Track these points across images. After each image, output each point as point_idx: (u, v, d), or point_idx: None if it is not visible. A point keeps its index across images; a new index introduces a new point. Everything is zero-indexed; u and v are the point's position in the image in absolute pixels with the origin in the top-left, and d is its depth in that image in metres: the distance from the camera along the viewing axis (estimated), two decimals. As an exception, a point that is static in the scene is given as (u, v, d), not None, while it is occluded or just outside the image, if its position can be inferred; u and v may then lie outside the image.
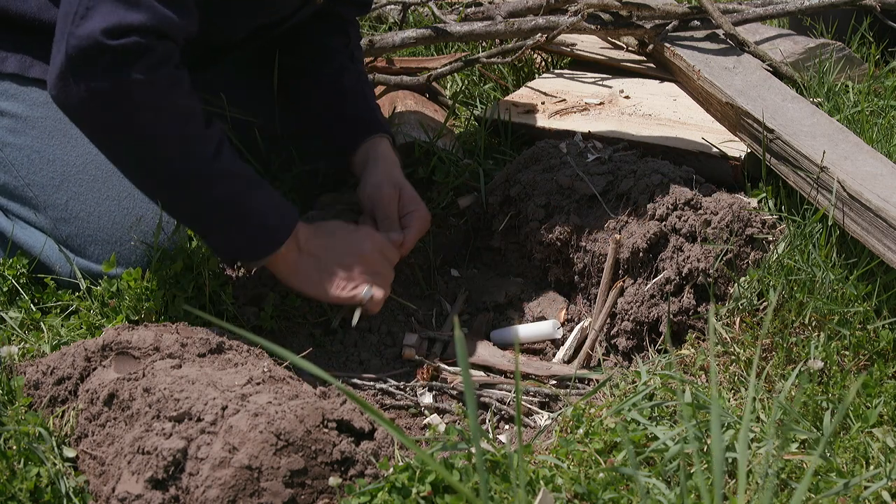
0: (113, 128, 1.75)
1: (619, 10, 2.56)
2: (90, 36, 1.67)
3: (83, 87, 1.69)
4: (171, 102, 1.75)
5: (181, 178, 1.79)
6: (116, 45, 1.67)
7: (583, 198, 2.16)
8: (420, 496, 1.38)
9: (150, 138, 1.74)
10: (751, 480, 1.47)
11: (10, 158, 1.98)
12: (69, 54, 1.68)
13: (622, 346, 2.04)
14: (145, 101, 1.71)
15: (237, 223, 1.83)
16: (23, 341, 1.84)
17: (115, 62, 1.68)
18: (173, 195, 1.83)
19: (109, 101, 1.71)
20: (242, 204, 1.82)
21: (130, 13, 1.68)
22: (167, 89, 1.74)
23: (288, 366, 1.89)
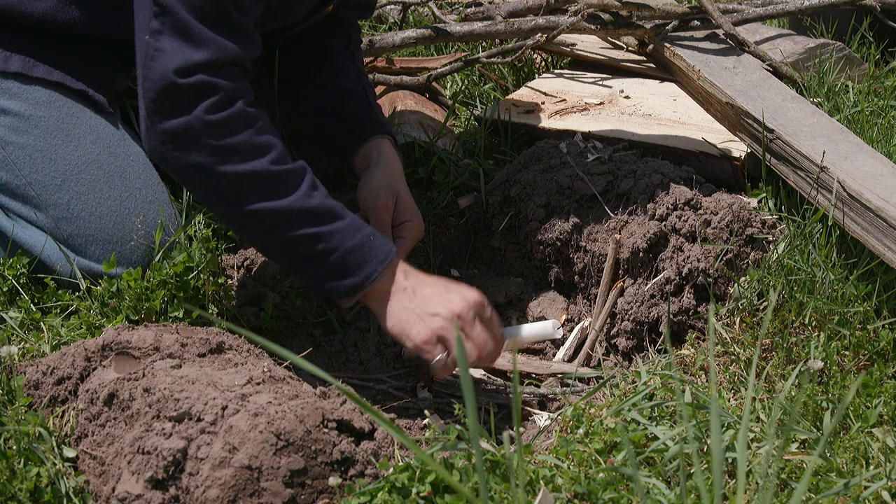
0: (191, 168, 1.75)
1: (619, 10, 2.56)
2: (163, 77, 1.70)
3: (160, 129, 1.72)
4: (244, 141, 1.75)
5: (262, 216, 1.76)
6: (186, 83, 1.70)
7: (583, 198, 2.16)
8: (420, 496, 1.38)
9: (227, 177, 1.74)
10: (750, 480, 1.47)
11: (12, 157, 1.98)
12: (147, 98, 1.72)
13: (622, 346, 2.04)
14: (218, 141, 1.73)
15: (318, 263, 1.79)
16: (23, 341, 1.84)
17: (187, 101, 1.71)
18: (259, 234, 1.81)
19: (183, 141, 1.73)
20: (327, 242, 1.77)
21: (195, 51, 1.71)
22: (240, 128, 1.75)
23: (288, 366, 1.89)
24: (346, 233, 1.78)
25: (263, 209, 1.75)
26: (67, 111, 2.02)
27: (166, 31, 1.72)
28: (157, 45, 1.72)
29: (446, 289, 1.81)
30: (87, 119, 2.03)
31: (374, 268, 1.78)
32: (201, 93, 1.72)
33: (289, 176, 1.77)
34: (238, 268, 2.05)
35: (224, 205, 1.79)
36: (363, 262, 1.78)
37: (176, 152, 1.73)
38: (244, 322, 1.97)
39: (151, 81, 1.71)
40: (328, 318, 2.07)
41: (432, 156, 2.37)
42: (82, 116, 2.03)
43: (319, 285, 1.82)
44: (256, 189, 1.75)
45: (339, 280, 1.79)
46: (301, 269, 1.82)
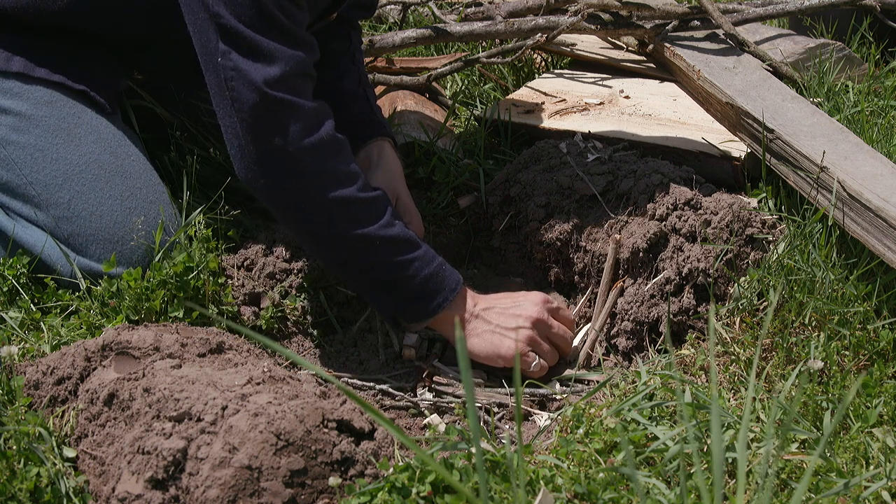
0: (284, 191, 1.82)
1: (619, 10, 2.56)
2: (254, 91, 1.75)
3: (257, 148, 1.78)
4: (337, 168, 1.82)
5: (348, 242, 1.85)
6: (277, 98, 1.75)
7: (583, 198, 2.16)
8: (420, 496, 1.38)
9: (320, 202, 1.81)
10: (750, 480, 1.47)
11: (14, 157, 1.98)
12: (241, 118, 1.77)
13: (622, 346, 2.04)
14: (314, 166, 1.80)
15: (395, 289, 1.88)
16: (23, 341, 1.84)
17: (281, 120, 1.77)
18: (341, 259, 1.89)
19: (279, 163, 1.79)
20: (400, 271, 1.86)
21: (270, 66, 1.76)
22: (332, 153, 1.82)
23: (288, 366, 1.89)
24: (423, 262, 1.87)
25: (350, 235, 1.83)
26: (68, 111, 2.02)
27: (236, 50, 1.76)
28: (232, 65, 1.76)
29: (513, 301, 1.94)
30: (88, 119, 2.03)
31: (446, 296, 1.88)
32: (291, 113, 1.77)
33: (374, 204, 1.86)
34: (238, 268, 2.05)
35: (313, 228, 1.86)
36: (437, 290, 1.88)
37: (271, 174, 1.79)
38: (244, 322, 1.97)
39: (242, 101, 1.76)
40: (328, 318, 2.07)
41: (432, 156, 2.37)
42: (83, 116, 2.03)
43: (393, 309, 1.93)
44: (346, 215, 1.83)
45: (414, 306, 1.90)
46: (377, 294, 1.91)
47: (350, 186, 1.82)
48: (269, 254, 2.08)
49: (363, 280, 1.91)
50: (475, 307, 1.92)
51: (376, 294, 1.92)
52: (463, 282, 1.92)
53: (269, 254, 2.08)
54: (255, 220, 2.20)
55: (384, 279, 1.88)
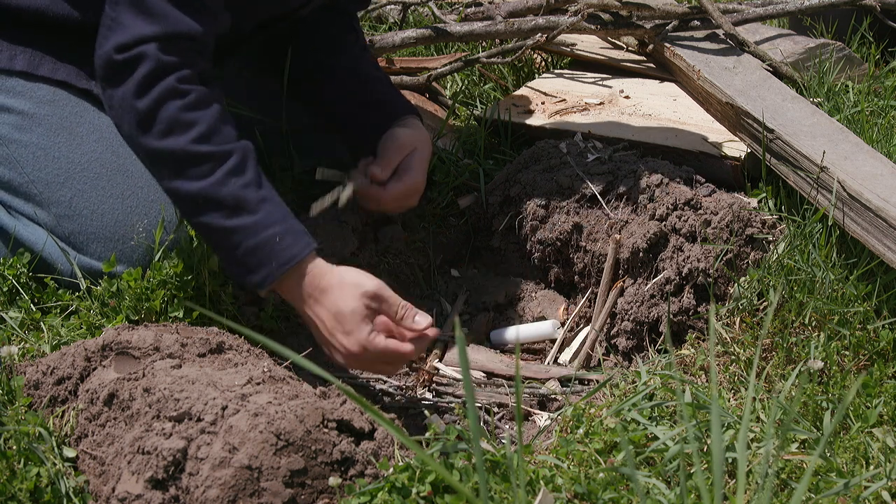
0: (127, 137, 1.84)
1: (619, 10, 2.56)
2: (106, 53, 1.79)
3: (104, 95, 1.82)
4: (166, 117, 1.77)
5: (175, 195, 1.81)
6: (122, 59, 1.77)
7: (583, 198, 2.16)
8: (420, 496, 1.38)
9: (145, 150, 1.81)
10: (750, 480, 1.47)
11: (16, 155, 1.98)
12: (97, 65, 1.82)
13: (622, 346, 2.04)
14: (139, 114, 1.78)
15: (221, 251, 1.81)
16: (23, 341, 1.84)
17: (121, 73, 1.78)
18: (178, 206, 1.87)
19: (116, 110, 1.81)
20: (222, 236, 1.77)
21: (147, 25, 1.77)
22: (163, 102, 1.77)
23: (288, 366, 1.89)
24: (248, 231, 1.75)
25: (176, 188, 1.78)
26: (71, 109, 2.03)
27: (123, 3, 1.79)
28: (115, 15, 1.79)
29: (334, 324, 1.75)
30: (91, 117, 2.04)
31: (272, 272, 1.75)
32: (136, 65, 1.77)
33: (206, 158, 1.76)
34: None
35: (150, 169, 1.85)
36: (260, 264, 1.76)
37: (113, 113, 1.83)
38: (244, 322, 1.96)
39: (101, 50, 1.80)
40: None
41: (432, 156, 2.37)
42: (85, 115, 2.03)
43: (227, 269, 1.86)
44: (171, 167, 1.77)
45: (243, 274, 1.78)
46: (215, 252, 1.87)
47: (181, 136, 1.76)
48: (269, 254, 2.08)
49: (200, 234, 1.88)
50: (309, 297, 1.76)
51: (214, 251, 1.88)
52: (304, 256, 1.75)
53: (269, 254, 2.08)
54: (255, 220, 2.20)
55: (210, 240, 1.83)
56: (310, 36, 2.24)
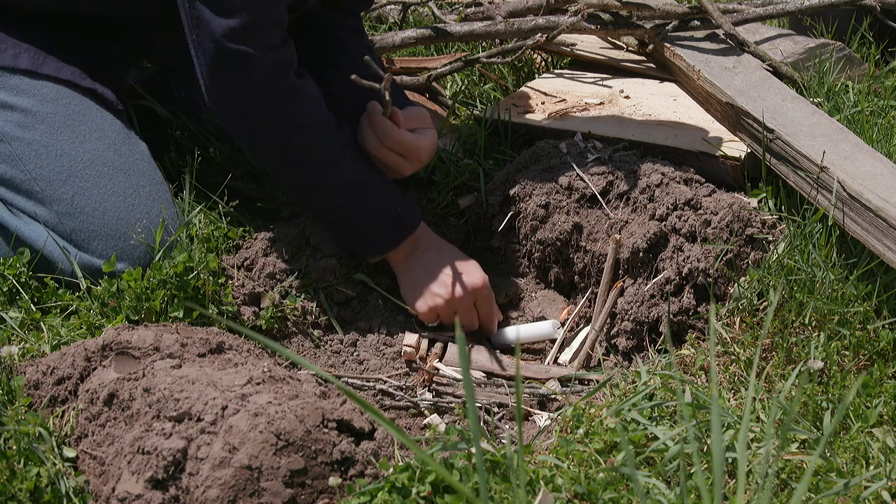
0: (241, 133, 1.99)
1: (619, 10, 2.56)
2: (213, 42, 1.85)
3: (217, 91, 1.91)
4: (291, 113, 1.92)
5: (301, 183, 2.00)
6: (234, 49, 1.85)
7: (583, 198, 2.16)
8: (420, 496, 1.38)
9: (273, 146, 1.96)
10: (750, 480, 1.47)
11: (18, 153, 1.99)
12: (203, 63, 1.89)
13: (622, 346, 2.04)
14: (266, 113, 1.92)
15: (346, 226, 2.03)
16: (23, 341, 1.84)
17: (236, 71, 1.88)
18: (297, 191, 2.05)
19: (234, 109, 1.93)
20: (349, 211, 2.00)
21: (229, 19, 1.84)
22: (286, 101, 1.91)
23: (288, 366, 1.89)
24: (377, 204, 2.00)
25: (302, 176, 1.98)
26: (74, 108, 2.03)
27: None
28: (196, 13, 1.86)
29: (455, 269, 2.03)
30: (94, 116, 2.04)
31: (398, 236, 2.02)
32: (248, 64, 1.87)
33: (330, 147, 1.97)
34: (238, 268, 2.05)
35: (270, 165, 2.05)
36: (389, 230, 2.02)
37: (230, 114, 1.94)
38: (244, 322, 1.97)
39: (204, 47, 1.87)
40: (328, 318, 2.07)
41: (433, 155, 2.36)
42: (88, 114, 2.04)
43: (345, 244, 2.07)
44: (299, 158, 1.96)
45: (364, 242, 2.04)
46: (331, 229, 2.07)
47: (303, 131, 1.94)
48: (269, 254, 2.08)
49: (319, 215, 2.07)
50: (424, 254, 2.05)
51: (331, 227, 2.07)
52: (419, 221, 2.05)
53: (269, 254, 2.08)
54: (255, 220, 2.20)
55: (337, 217, 2.02)
56: (314, 33, 2.25)
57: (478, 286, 2.04)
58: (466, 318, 2.05)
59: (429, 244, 2.06)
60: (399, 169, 2.08)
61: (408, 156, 2.06)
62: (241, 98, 1.90)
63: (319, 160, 1.96)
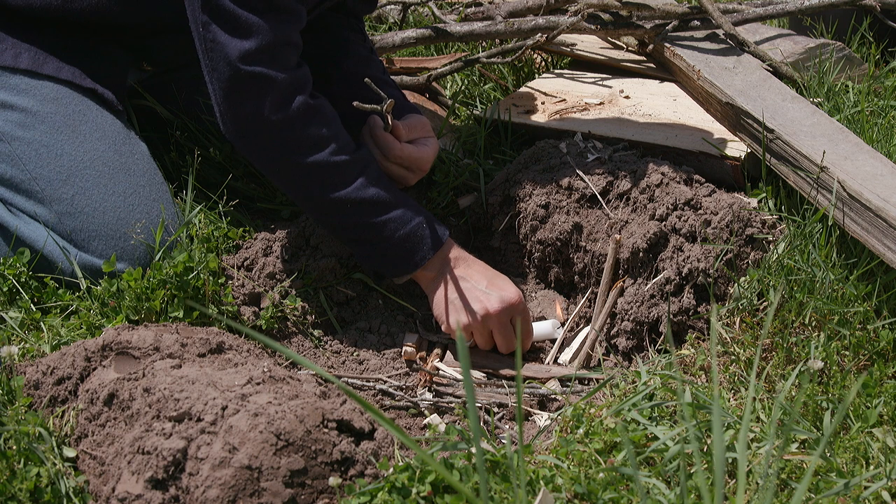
0: (258, 157, 1.95)
1: (619, 10, 2.56)
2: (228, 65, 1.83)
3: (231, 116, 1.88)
4: (307, 135, 1.89)
5: (322, 204, 1.94)
6: (249, 72, 1.83)
7: (583, 198, 2.16)
8: (420, 496, 1.38)
9: (290, 168, 1.91)
10: (751, 480, 1.47)
11: (18, 152, 1.99)
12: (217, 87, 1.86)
13: (622, 346, 2.04)
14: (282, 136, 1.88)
15: (373, 246, 1.97)
16: (23, 341, 1.84)
17: (252, 95, 1.85)
18: (320, 218, 2.01)
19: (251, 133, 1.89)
20: (375, 231, 1.94)
21: (246, 40, 1.82)
22: (302, 122, 1.88)
23: (288, 366, 1.89)
24: (399, 223, 1.95)
25: (323, 198, 1.93)
26: (74, 108, 2.03)
27: (214, 22, 1.82)
28: (211, 36, 1.83)
29: (488, 284, 1.98)
30: (94, 116, 2.04)
31: (423, 255, 1.97)
32: (263, 86, 1.84)
33: (347, 167, 1.92)
34: (238, 268, 2.05)
35: (289, 189, 1.99)
36: (414, 249, 1.96)
37: (246, 139, 1.90)
38: (244, 322, 1.97)
39: (218, 72, 1.85)
40: (328, 318, 2.07)
41: (432, 155, 2.36)
42: (89, 113, 2.04)
43: (372, 263, 2.03)
44: (318, 179, 1.92)
45: (390, 263, 1.99)
46: (356, 249, 2.02)
47: (321, 152, 1.90)
48: (269, 254, 2.08)
49: (342, 236, 2.02)
50: (454, 270, 1.99)
51: (356, 249, 2.02)
52: (446, 238, 1.99)
53: (269, 254, 2.08)
54: (255, 220, 2.20)
55: (361, 238, 1.97)
56: (318, 34, 2.25)
57: (514, 302, 1.97)
58: (503, 336, 1.99)
59: (458, 260, 2.00)
60: (403, 181, 2.09)
61: (411, 167, 2.07)
62: (258, 120, 1.86)
63: (339, 180, 1.92)
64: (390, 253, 1.96)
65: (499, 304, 1.96)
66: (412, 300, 2.15)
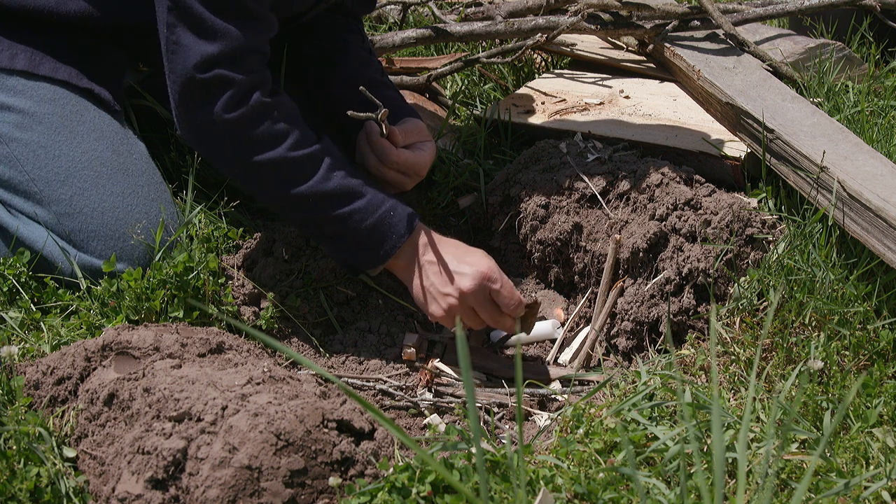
0: (215, 157, 1.92)
1: (619, 10, 2.56)
2: (184, 72, 1.81)
3: (186, 120, 1.85)
4: (262, 132, 1.86)
5: (284, 200, 1.90)
6: (204, 79, 1.81)
7: (583, 198, 2.16)
8: (420, 496, 1.38)
9: (248, 166, 1.87)
10: (751, 480, 1.47)
11: (16, 154, 1.99)
12: (174, 90, 1.84)
13: (622, 346, 2.04)
14: (236, 135, 1.85)
15: (342, 239, 1.93)
16: (23, 341, 1.84)
17: (206, 97, 1.82)
18: (285, 213, 1.98)
19: (206, 134, 1.86)
20: (341, 224, 1.90)
21: (210, 44, 1.80)
22: (257, 120, 1.85)
23: (288, 366, 1.89)
24: (366, 212, 1.89)
25: (283, 194, 1.88)
26: (72, 108, 2.03)
27: (181, 24, 1.81)
28: (175, 38, 1.81)
29: (458, 262, 1.92)
30: (91, 116, 2.04)
31: (394, 243, 1.91)
32: (219, 88, 1.81)
33: (306, 161, 1.88)
34: (238, 268, 2.05)
35: (250, 188, 1.97)
36: (382, 239, 1.91)
37: (202, 142, 1.88)
38: (244, 322, 1.96)
39: (175, 74, 1.82)
40: (328, 319, 2.07)
41: (432, 156, 2.36)
42: (86, 114, 2.03)
43: (343, 258, 1.98)
44: (276, 176, 1.87)
45: (360, 255, 1.94)
46: (327, 244, 1.98)
47: (277, 148, 1.86)
48: (269, 254, 2.08)
49: (310, 232, 1.99)
50: (423, 256, 1.94)
51: (326, 245, 1.99)
52: (415, 225, 1.93)
53: (269, 254, 2.08)
54: (255, 220, 2.20)
55: (328, 232, 1.93)
56: (317, 35, 2.25)
57: (484, 272, 1.90)
58: (485, 311, 1.93)
59: (428, 245, 1.95)
60: (400, 186, 2.08)
61: (408, 173, 2.06)
62: (212, 121, 1.83)
63: (298, 176, 1.88)
64: (359, 245, 1.92)
65: (471, 281, 1.89)
66: (412, 300, 2.14)
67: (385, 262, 1.94)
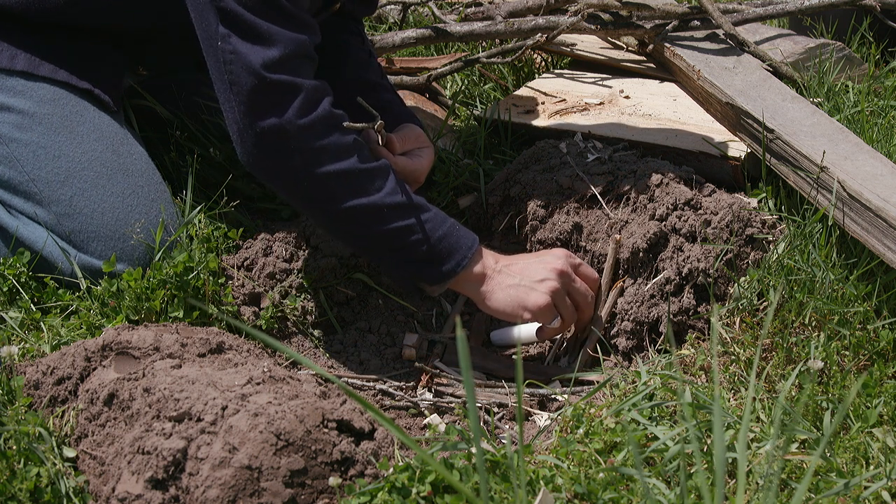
0: (285, 171, 1.83)
1: (619, 10, 2.56)
2: (251, 74, 1.76)
3: (257, 129, 1.78)
4: (334, 142, 1.82)
5: (355, 213, 1.84)
6: (275, 80, 1.77)
7: (583, 198, 2.16)
8: (420, 496, 1.38)
9: (321, 178, 1.82)
10: (751, 480, 1.47)
11: (16, 154, 1.99)
12: (239, 101, 1.78)
13: (622, 346, 2.04)
14: (310, 143, 1.80)
15: (410, 253, 1.87)
16: (23, 341, 1.84)
17: (278, 100, 1.78)
18: (351, 230, 1.89)
19: (278, 144, 1.79)
20: (411, 235, 1.86)
21: (268, 49, 1.77)
22: (329, 129, 1.82)
23: (288, 366, 1.89)
24: (434, 223, 1.87)
25: (356, 206, 1.83)
26: (71, 109, 2.03)
27: (234, 34, 1.77)
28: (231, 48, 1.77)
29: (536, 256, 1.93)
30: (91, 117, 2.04)
31: (464, 254, 1.88)
32: (289, 93, 1.78)
33: (376, 172, 1.86)
34: (238, 268, 2.05)
35: (318, 204, 1.86)
36: (453, 249, 1.88)
37: (268, 156, 1.81)
38: (244, 322, 1.96)
39: (239, 85, 1.77)
40: (328, 318, 2.07)
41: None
42: (86, 114, 2.04)
43: (411, 274, 1.91)
44: (349, 187, 1.83)
45: (431, 268, 1.88)
46: (392, 261, 1.90)
47: (349, 158, 1.83)
48: (269, 254, 2.08)
49: (377, 249, 1.90)
50: (496, 264, 1.91)
51: (393, 261, 1.91)
52: (479, 240, 1.91)
53: (269, 254, 2.08)
54: (255, 220, 2.20)
55: (397, 245, 1.87)
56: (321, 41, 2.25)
57: (561, 251, 1.93)
58: (578, 293, 1.92)
59: (492, 254, 1.93)
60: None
61: (406, 180, 2.06)
62: (281, 128, 1.77)
63: (370, 186, 1.84)
64: (429, 256, 1.87)
65: (558, 259, 1.90)
66: (412, 300, 2.15)
67: (457, 274, 1.89)
